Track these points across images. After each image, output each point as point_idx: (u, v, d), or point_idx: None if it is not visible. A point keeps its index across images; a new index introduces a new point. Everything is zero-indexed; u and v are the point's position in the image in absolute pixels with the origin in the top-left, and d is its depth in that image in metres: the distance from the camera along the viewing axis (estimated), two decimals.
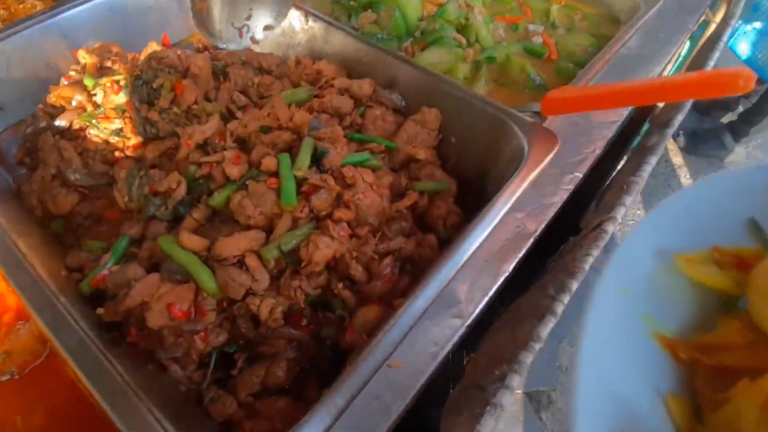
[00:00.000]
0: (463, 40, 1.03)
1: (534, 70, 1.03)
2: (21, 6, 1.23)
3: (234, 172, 0.66)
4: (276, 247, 0.61)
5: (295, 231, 0.62)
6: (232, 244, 0.61)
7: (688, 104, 1.14)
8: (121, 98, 0.81)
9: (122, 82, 0.81)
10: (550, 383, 2.24)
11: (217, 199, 0.66)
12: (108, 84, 0.82)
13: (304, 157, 0.66)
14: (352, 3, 1.13)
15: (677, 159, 3.33)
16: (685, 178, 3.28)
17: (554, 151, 0.78)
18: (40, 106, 0.92)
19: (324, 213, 0.65)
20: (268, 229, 0.64)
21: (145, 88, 0.78)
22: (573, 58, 1.09)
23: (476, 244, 0.67)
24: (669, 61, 1.13)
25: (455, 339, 0.66)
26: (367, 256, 0.65)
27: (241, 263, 0.62)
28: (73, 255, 0.68)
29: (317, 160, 0.68)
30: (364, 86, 0.88)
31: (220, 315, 0.64)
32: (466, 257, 0.65)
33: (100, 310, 0.59)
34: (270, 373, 0.64)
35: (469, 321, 0.68)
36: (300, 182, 0.66)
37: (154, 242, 0.67)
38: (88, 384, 0.50)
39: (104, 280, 0.63)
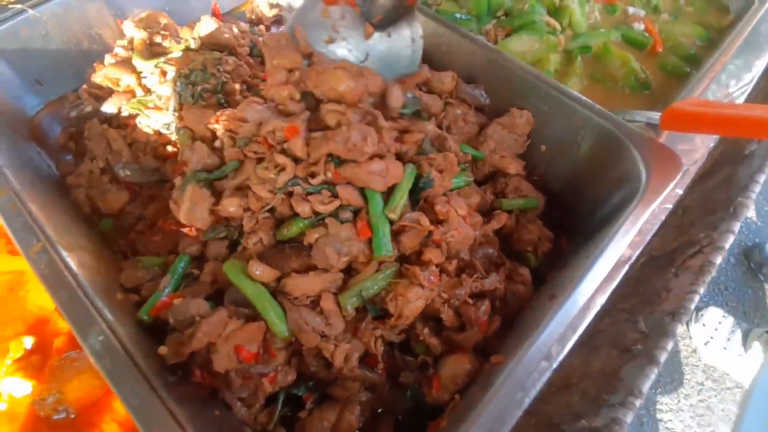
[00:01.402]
0: (557, 26, 0.89)
1: (637, 63, 0.89)
2: None
3: (309, 209, 0.57)
4: (356, 295, 0.53)
5: (377, 275, 0.54)
6: (307, 285, 0.53)
7: None
8: (167, 89, 0.71)
9: (170, 72, 0.71)
10: None
11: (287, 234, 0.57)
12: (157, 74, 0.72)
13: (402, 194, 0.56)
14: None
15: None
16: None
17: (678, 177, 0.66)
18: (85, 86, 0.84)
19: (413, 251, 0.56)
20: (347, 269, 0.56)
21: (190, 89, 0.69)
22: (679, 50, 0.94)
23: (588, 295, 0.57)
24: None
25: (540, 384, 0.58)
26: (461, 299, 0.56)
27: (314, 303, 0.54)
28: (128, 273, 0.61)
29: (415, 190, 0.58)
30: (445, 80, 0.77)
31: (288, 352, 0.57)
32: (576, 310, 0.56)
33: (162, 350, 0.52)
34: (342, 419, 0.57)
35: (555, 364, 0.60)
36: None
37: (216, 263, 0.59)
38: None
39: (164, 307, 0.56)
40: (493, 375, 0.51)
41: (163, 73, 0.71)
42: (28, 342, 0.55)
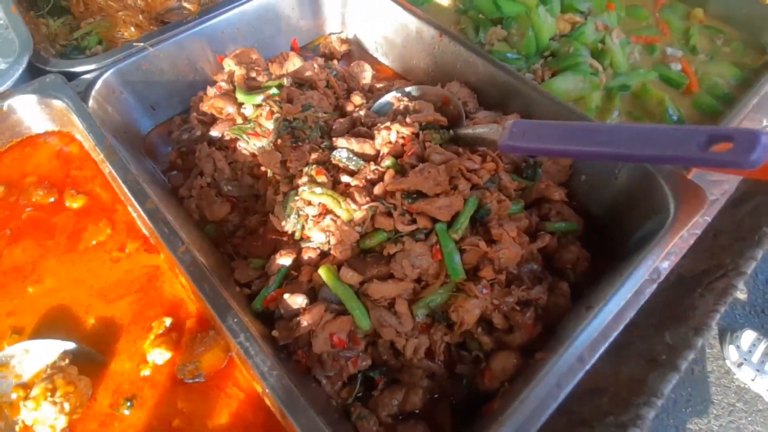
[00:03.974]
0: (599, 67, 0.99)
1: (672, 103, 0.98)
2: None
3: (392, 225, 0.71)
4: (425, 305, 0.66)
5: (440, 290, 0.67)
6: (385, 290, 0.66)
7: None
8: (271, 124, 0.86)
9: (276, 112, 0.86)
10: None
11: (370, 244, 0.71)
12: (264, 113, 0.87)
13: (464, 220, 0.69)
14: (480, 16, 1.11)
15: None
16: None
17: (703, 210, 0.76)
18: (194, 114, 1.00)
19: (471, 267, 0.69)
20: (417, 279, 0.69)
21: (291, 131, 0.84)
22: (714, 90, 1.03)
23: (619, 307, 0.68)
24: None
25: (573, 383, 0.69)
26: (509, 306, 0.69)
27: (390, 305, 0.67)
28: (240, 271, 0.76)
29: (476, 216, 0.72)
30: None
31: (367, 342, 0.70)
32: (609, 313, 0.67)
33: (275, 333, 0.67)
34: (407, 399, 0.70)
35: (588, 366, 0.71)
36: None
37: (310, 267, 0.73)
38: (274, 397, 0.58)
39: (273, 300, 0.70)
40: (536, 369, 0.63)
41: (271, 113, 0.86)
42: (168, 322, 0.71)
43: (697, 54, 1.10)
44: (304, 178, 0.77)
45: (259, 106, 0.91)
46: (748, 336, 2.14)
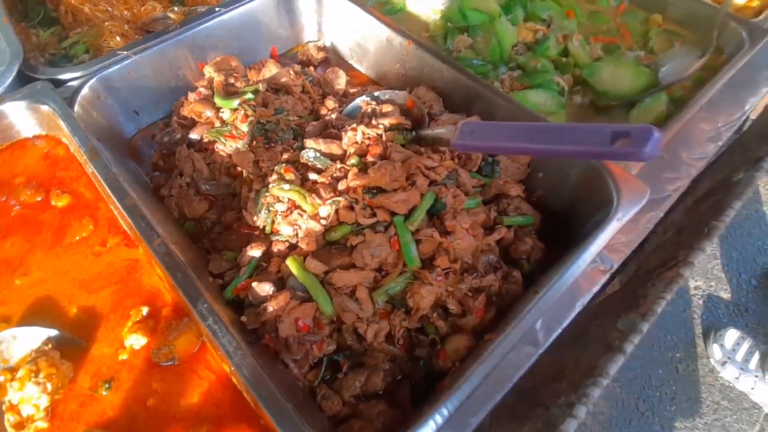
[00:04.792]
0: (565, 85, 1.05)
1: None
2: (142, 8, 1.36)
3: (354, 218, 0.77)
4: (384, 293, 0.72)
5: (399, 278, 0.73)
6: (347, 278, 0.72)
7: None
8: (246, 127, 0.92)
9: (249, 115, 0.92)
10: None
11: (334, 236, 0.77)
12: (239, 117, 0.93)
13: (420, 213, 0.75)
14: (449, 24, 1.17)
15: None
16: (764, 188, 3.10)
17: (642, 203, 0.82)
18: (175, 118, 1.06)
19: (427, 256, 0.75)
20: (377, 269, 0.75)
21: (264, 133, 0.90)
22: (671, 93, 1.08)
23: (564, 287, 0.74)
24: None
25: (529, 365, 0.75)
26: (462, 293, 0.74)
27: (352, 292, 0.72)
28: (215, 263, 0.82)
29: (432, 210, 0.77)
30: None
31: (332, 328, 0.75)
32: (552, 298, 0.73)
33: (244, 318, 0.72)
34: (369, 381, 0.75)
35: (542, 350, 0.77)
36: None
37: (279, 259, 0.79)
38: (239, 375, 0.63)
39: (243, 289, 0.76)
40: (484, 348, 0.68)
41: (245, 117, 0.91)
42: (145, 310, 0.76)
43: (657, 55, 1.17)
44: (274, 176, 0.82)
45: (235, 110, 0.97)
46: (731, 335, 2.19)
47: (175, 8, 1.37)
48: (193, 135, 1.01)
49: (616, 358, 0.82)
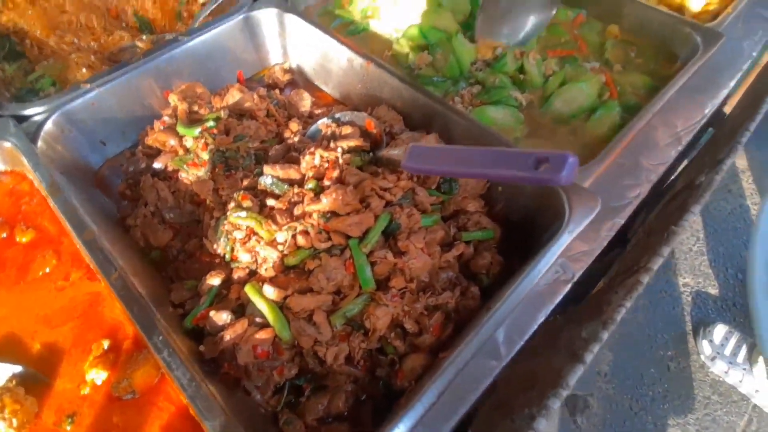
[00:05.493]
0: (523, 100, 1.07)
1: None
2: (110, 38, 1.38)
3: (308, 243, 0.78)
4: (342, 315, 0.73)
5: (356, 300, 0.74)
6: (304, 303, 0.73)
7: (740, 146, 1.14)
8: (206, 155, 0.93)
9: (210, 143, 0.93)
10: (588, 389, 2.29)
11: (293, 261, 0.78)
12: (200, 145, 0.94)
13: (374, 235, 0.77)
14: (410, 43, 1.20)
15: (740, 161, 3.17)
16: (747, 182, 3.13)
17: (593, 214, 0.84)
18: (140, 148, 1.07)
19: (383, 277, 0.76)
20: (335, 292, 0.76)
21: (224, 160, 0.92)
22: (623, 101, 1.11)
23: (517, 300, 0.75)
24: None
25: (490, 379, 0.75)
26: (418, 312, 0.75)
27: (310, 317, 0.73)
28: (176, 292, 0.83)
29: (387, 232, 0.79)
30: (430, 141, 0.96)
31: (292, 352, 0.76)
32: (507, 311, 0.74)
33: (202, 348, 0.73)
34: (332, 403, 0.76)
35: (504, 363, 0.77)
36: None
37: (239, 286, 0.80)
38: (195, 409, 0.64)
39: (203, 318, 0.77)
40: (438, 366, 0.69)
41: (206, 145, 0.93)
42: (106, 344, 0.77)
43: (612, 66, 1.19)
44: (232, 204, 0.83)
45: (197, 138, 0.98)
46: (719, 330, 2.20)
47: (144, 37, 1.39)
48: (157, 164, 1.02)
49: (576, 369, 0.83)
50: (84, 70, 1.23)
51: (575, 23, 1.26)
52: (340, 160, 0.87)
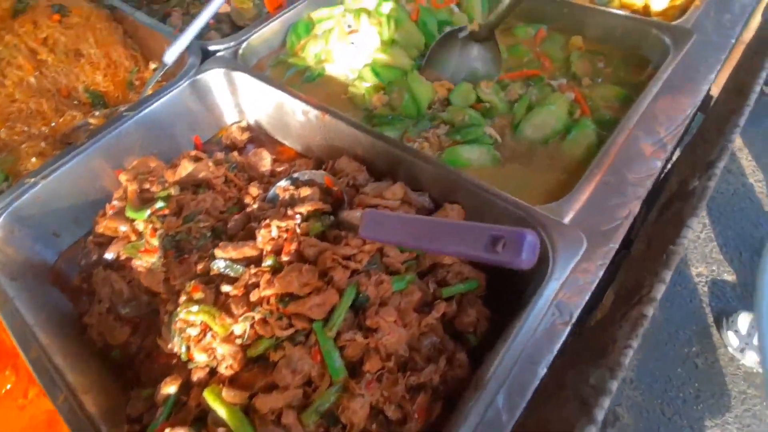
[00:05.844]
0: (498, 138, 1.01)
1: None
2: (61, 120, 1.33)
3: (269, 332, 0.70)
4: (314, 412, 0.64)
5: (328, 391, 0.65)
6: (271, 402, 0.64)
7: (731, 144, 1.06)
8: (156, 241, 0.86)
9: (158, 228, 0.87)
10: (614, 399, 2.17)
11: (255, 353, 0.70)
12: (149, 230, 0.88)
13: (339, 316, 0.69)
14: (365, 84, 1.14)
15: (736, 140, 3.09)
16: (747, 160, 3.04)
17: (580, 254, 0.76)
18: (91, 237, 1.01)
19: (356, 359, 0.68)
20: (306, 383, 0.68)
21: (176, 245, 0.85)
22: (596, 116, 1.03)
23: (513, 359, 0.67)
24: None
25: None
26: (399, 396, 0.67)
27: (278, 418, 0.65)
28: (133, 403, 0.75)
29: (354, 306, 0.71)
30: (397, 192, 0.89)
31: None
32: (504, 374, 0.66)
33: None
34: None
35: (514, 420, 0.68)
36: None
37: (199, 389, 0.71)
38: None
39: None
40: None
41: (154, 231, 0.86)
42: None
43: (580, 80, 1.12)
44: (183, 297, 0.76)
45: (147, 221, 0.91)
46: (744, 318, 2.09)
47: (96, 113, 1.34)
48: (109, 254, 0.95)
49: (587, 430, 0.74)
50: (34, 159, 1.18)
51: (537, 40, 1.20)
52: (298, 230, 0.80)
